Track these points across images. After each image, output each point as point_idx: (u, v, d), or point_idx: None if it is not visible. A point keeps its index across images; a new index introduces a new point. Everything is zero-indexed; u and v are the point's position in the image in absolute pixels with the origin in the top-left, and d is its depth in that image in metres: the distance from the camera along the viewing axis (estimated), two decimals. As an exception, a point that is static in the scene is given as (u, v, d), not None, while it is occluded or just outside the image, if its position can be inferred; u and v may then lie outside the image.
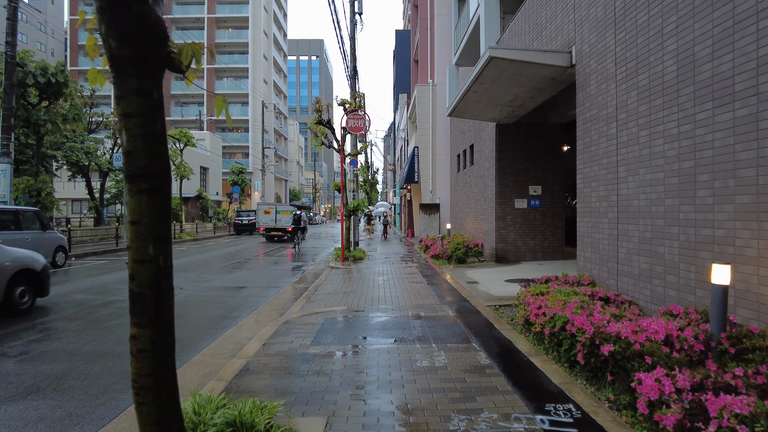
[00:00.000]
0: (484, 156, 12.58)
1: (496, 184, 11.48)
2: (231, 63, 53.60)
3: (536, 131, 11.58)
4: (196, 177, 39.28)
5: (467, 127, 14.99)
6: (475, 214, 13.86)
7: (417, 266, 11.55)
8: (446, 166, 19.62)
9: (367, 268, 11.29)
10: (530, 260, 11.51)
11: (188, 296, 8.07)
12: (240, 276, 10.70)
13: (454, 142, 17.56)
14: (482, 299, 7.03)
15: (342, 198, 12.85)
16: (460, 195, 16.32)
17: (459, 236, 14.45)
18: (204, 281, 9.83)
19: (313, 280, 9.85)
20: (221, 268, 12.31)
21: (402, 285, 8.54)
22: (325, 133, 13.24)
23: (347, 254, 12.79)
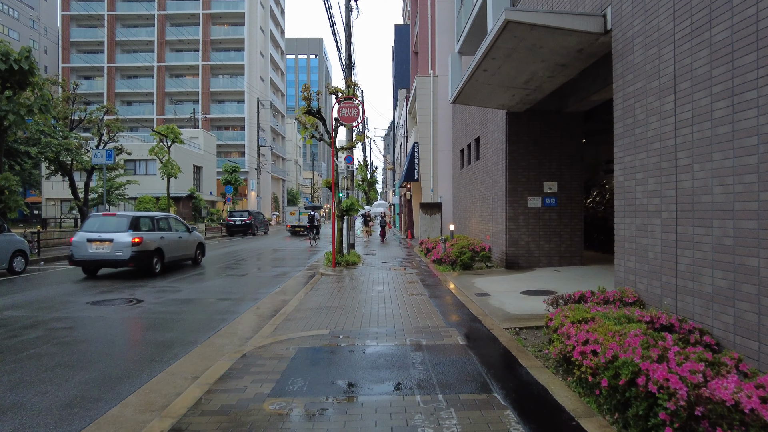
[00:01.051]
0: (492, 149, 11.27)
1: (507, 180, 10.17)
2: (227, 60, 52.34)
3: (551, 120, 10.28)
4: (189, 176, 38.02)
5: (472, 119, 13.68)
6: (481, 214, 12.55)
7: (417, 273, 10.23)
8: (448, 163, 18.32)
9: (361, 275, 9.98)
10: (545, 266, 10.20)
11: (143, 312, 6.76)
12: (214, 285, 9.39)
13: (457, 137, 16.26)
14: (497, 319, 5.72)
15: (333, 196, 11.54)
16: (464, 193, 15.01)
17: (463, 238, 13.15)
18: (170, 291, 8.52)
19: (298, 289, 8.54)
20: (196, 275, 11.00)
21: (400, 298, 7.23)
22: (315, 125, 11.93)
23: (340, 258, 11.48)
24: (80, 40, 52.33)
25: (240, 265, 13.03)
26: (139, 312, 6.79)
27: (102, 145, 25.08)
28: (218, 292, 8.51)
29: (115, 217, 10.79)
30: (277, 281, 9.89)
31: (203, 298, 7.91)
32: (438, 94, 18.51)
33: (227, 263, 13.34)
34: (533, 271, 9.69)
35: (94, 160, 17.67)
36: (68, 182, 24.00)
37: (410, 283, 8.80)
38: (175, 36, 51.60)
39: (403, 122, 27.58)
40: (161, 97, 51.94)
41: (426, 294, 7.55)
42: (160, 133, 23.23)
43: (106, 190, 27.94)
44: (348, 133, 12.82)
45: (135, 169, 35.81)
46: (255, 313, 6.68)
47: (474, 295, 7.26)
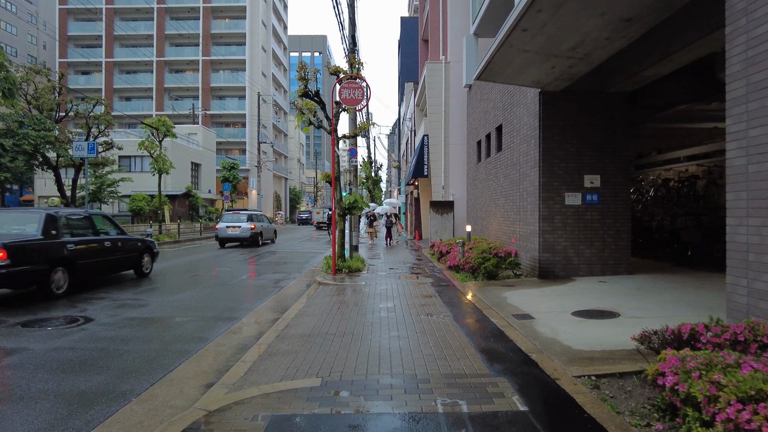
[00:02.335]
0: (521, 137, 9.62)
1: (541, 173, 8.53)
2: (227, 55, 50.89)
3: (591, 103, 8.63)
4: (186, 173, 36.56)
5: (492, 105, 12.03)
6: (504, 213, 10.90)
7: (432, 283, 8.60)
8: (462, 157, 16.67)
9: (366, 285, 8.35)
10: (585, 275, 8.54)
11: (81, 340, 5.17)
12: (191, 297, 7.80)
13: (473, 127, 14.61)
14: (558, 359, 4.08)
15: (334, 192, 9.93)
16: (482, 190, 13.36)
17: (482, 241, 11.51)
18: (134, 306, 6.94)
19: (288, 304, 6.94)
20: (175, 283, 9.43)
21: (416, 320, 5.61)
22: (313, 110, 10.32)
23: (341, 264, 9.88)
24: (78, 35, 51.08)
25: (228, 269, 11.45)
26: (75, 339, 5.20)
27: (92, 140, 23.64)
28: (190, 307, 6.92)
29: (240, 213, 19.19)
30: (266, 292, 8.29)
31: (168, 317, 6.32)
32: (450, 81, 16.87)
33: (215, 267, 11.76)
34: (573, 283, 8.04)
35: (75, 153, 16.18)
36: (55, 178, 22.56)
37: (426, 297, 7.17)
38: (175, 30, 50.18)
39: (410, 115, 25.95)
40: (160, 92, 50.56)
41: (449, 314, 5.92)
42: (151, 126, 21.69)
43: (96, 187, 26.58)
44: (351, 122, 11.19)
45: (130, 165, 34.39)
46: (224, 344, 5.07)
47: (512, 317, 5.62)
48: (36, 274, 7.16)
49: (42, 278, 7.22)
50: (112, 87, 50.71)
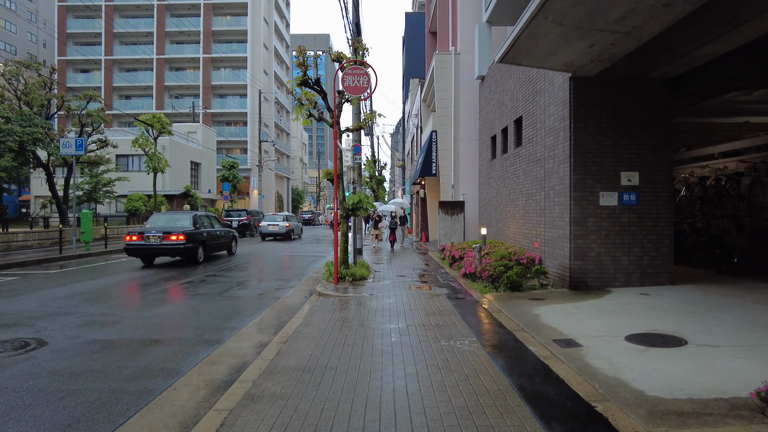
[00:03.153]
0: (546, 129, 8.57)
1: (572, 170, 7.47)
2: (229, 52, 50.00)
3: (630, 89, 7.57)
4: (185, 173, 35.66)
5: (510, 97, 10.98)
6: (525, 215, 9.85)
7: (447, 295, 7.55)
8: (473, 154, 15.62)
9: (372, 298, 7.32)
10: (622, 285, 7.48)
11: (25, 375, 4.17)
12: (168, 313, 6.79)
13: (487, 121, 13.55)
14: (631, 410, 3.05)
15: (336, 191, 8.91)
16: (497, 189, 12.31)
17: (499, 245, 10.48)
18: (100, 325, 5.93)
19: (282, 322, 5.92)
20: (156, 293, 8.43)
21: (436, 351, 4.56)
22: (313, 101, 9.30)
23: (344, 272, 8.85)
24: (77, 32, 50.30)
25: (220, 277, 10.45)
26: (7, 377, 4.20)
27: (85, 137, 22.71)
28: (165, 326, 5.91)
29: (279, 213, 25.14)
30: (257, 306, 7.27)
31: (136, 339, 5.31)
32: (460, 74, 15.82)
33: (204, 274, 10.76)
34: (610, 295, 6.98)
35: (62, 150, 15.22)
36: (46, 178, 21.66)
37: (442, 313, 6.13)
38: (176, 27, 49.33)
39: (416, 112, 24.90)
40: (160, 91, 49.70)
41: (474, 339, 4.88)
42: (145, 122, 20.75)
43: (91, 187, 25.67)
44: (354, 115, 10.16)
45: (127, 165, 33.51)
46: (197, 380, 4.05)
47: (554, 344, 4.58)
48: (193, 250, 12.49)
49: (195, 252, 12.58)
50: (112, 85, 49.93)
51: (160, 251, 12.22)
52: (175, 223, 12.82)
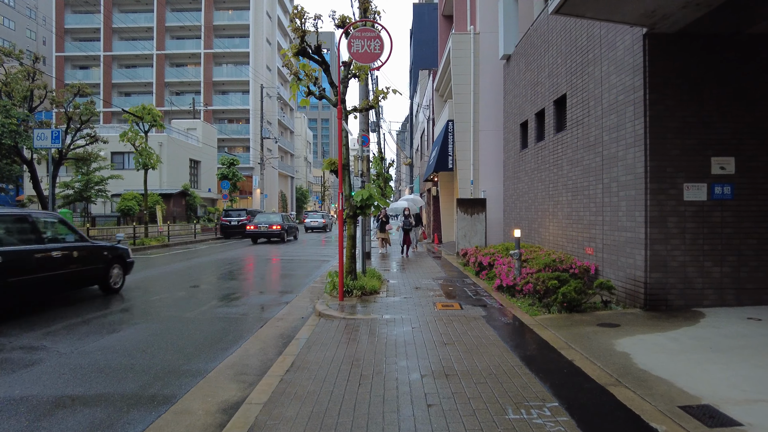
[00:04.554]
0: (605, 106, 6.83)
1: (648, 155, 5.73)
2: (231, 47, 48.49)
3: (721, 50, 5.82)
4: (184, 171, 34.14)
5: (547, 73, 9.23)
6: (571, 213, 8.11)
7: (487, 318, 5.83)
8: (495, 146, 13.88)
9: (387, 324, 5.61)
10: (713, 305, 5.74)
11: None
12: (115, 346, 5.12)
13: (514, 106, 11.81)
14: None
15: (341, 186, 7.21)
16: (528, 184, 10.57)
17: (536, 250, 8.76)
18: (9, 370, 4.28)
19: (268, 359, 4.25)
20: (115, 313, 6.77)
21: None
22: (313, 77, 7.60)
23: (351, 284, 7.16)
24: (75, 27, 49.05)
25: (204, 286, 8.79)
26: None
27: (73, 132, 21.20)
28: (104, 369, 4.23)
29: (317, 212, 41.38)
30: (239, 331, 5.59)
31: (49, 396, 3.64)
32: (480, 56, 14.08)
33: (191, 282, 9.12)
34: (707, 320, 5.23)
35: (36, 143, 13.69)
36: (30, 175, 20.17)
37: (490, 350, 4.41)
38: (176, 22, 47.95)
39: (426, 103, 23.18)
40: (161, 87, 48.29)
41: (557, 406, 3.16)
42: (134, 114, 19.18)
43: (82, 185, 24.18)
44: (362, 90, 8.45)
45: (123, 162, 32.03)
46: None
47: (690, 419, 2.85)
48: (283, 235, 20.73)
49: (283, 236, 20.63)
50: (111, 82, 48.63)
51: (266, 234, 21.24)
52: (271, 219, 21.82)
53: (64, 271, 6.93)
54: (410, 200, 15.76)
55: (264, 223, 21.22)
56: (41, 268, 6.48)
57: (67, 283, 7.16)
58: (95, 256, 7.68)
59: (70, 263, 7.08)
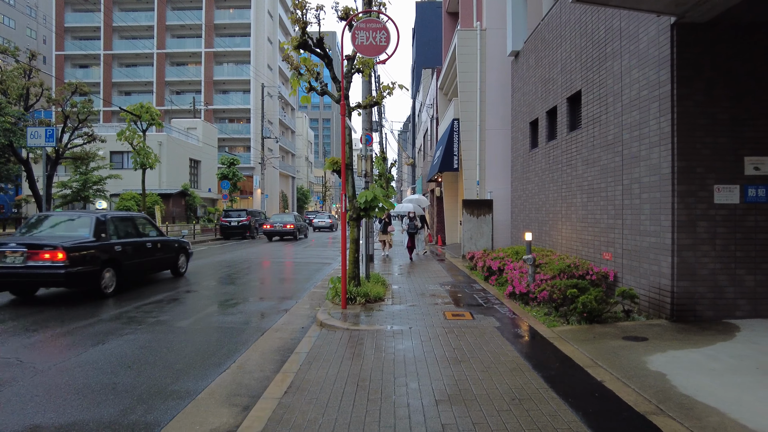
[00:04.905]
0: (625, 102, 6.41)
1: (675, 154, 5.32)
2: (232, 46, 48.07)
3: (756, 40, 5.40)
4: (184, 170, 33.77)
5: (559, 69, 8.82)
6: (586, 216, 7.69)
7: (501, 330, 5.41)
8: (502, 146, 13.47)
9: (395, 336, 5.20)
10: (747, 316, 5.31)
11: None
12: (98, 361, 4.71)
13: (523, 104, 11.40)
14: None
15: (344, 186, 6.79)
16: (539, 185, 10.15)
17: (548, 254, 8.35)
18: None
19: (263, 379, 3.84)
20: (85, 327, 6.38)
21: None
22: (315, 72, 7.19)
23: (355, 291, 6.76)
24: (75, 26, 48.73)
25: (201, 291, 8.39)
26: None
27: (71, 131, 20.85)
28: (81, 389, 3.82)
29: (323, 213, 45.11)
30: (236, 343, 5.18)
31: (9, 428, 3.24)
32: (487, 53, 13.67)
33: (186, 286, 8.72)
34: (744, 334, 4.81)
35: (29, 141, 13.30)
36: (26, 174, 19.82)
37: (509, 368, 4.00)
38: (177, 21, 47.62)
39: (430, 102, 22.78)
40: (161, 86, 47.93)
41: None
42: (132, 112, 18.79)
43: (80, 185, 23.83)
44: (366, 87, 8.04)
45: (122, 162, 31.64)
46: None
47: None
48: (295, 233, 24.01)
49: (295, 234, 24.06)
50: (111, 81, 48.29)
51: (281, 233, 23.74)
52: (285, 219, 24.19)
53: (153, 258, 9.15)
54: (414, 201, 15.10)
55: (279, 222, 23.91)
56: (140, 256, 8.69)
57: (154, 267, 9.47)
58: (169, 247, 9.80)
59: (156, 252, 9.24)
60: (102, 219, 8.02)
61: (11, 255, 6.90)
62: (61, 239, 7.24)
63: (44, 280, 7.12)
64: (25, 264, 6.86)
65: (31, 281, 7.19)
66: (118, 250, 8.02)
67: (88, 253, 7.39)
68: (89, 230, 7.70)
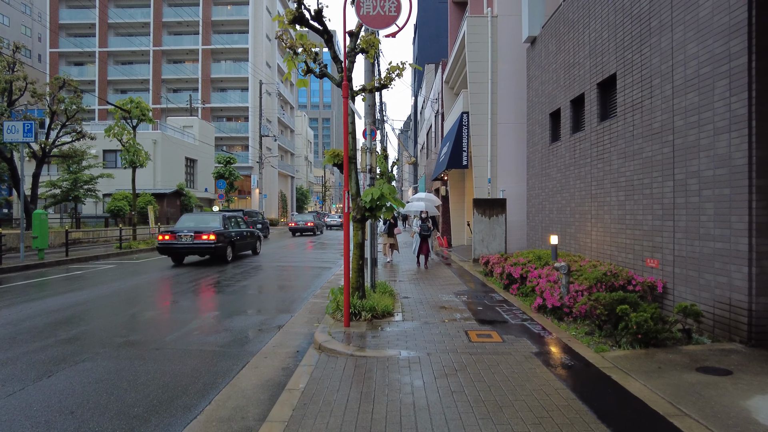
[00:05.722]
0: (677, 84, 5.44)
1: (755, 141, 4.36)
2: (230, 43, 47.09)
3: None
4: (179, 170, 32.80)
5: (587, 52, 7.85)
6: (622, 217, 6.72)
7: (540, 355, 4.44)
8: (515, 140, 12.52)
9: (411, 368, 4.22)
10: (837, 340, 4.34)
11: None
12: (55, 393, 3.75)
13: (541, 95, 10.43)
14: None
15: (346, 182, 5.83)
16: (561, 182, 9.19)
17: (575, 259, 7.40)
18: None
19: (248, 430, 2.91)
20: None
21: None
22: (312, 52, 6.22)
23: (359, 304, 5.79)
24: (70, 23, 47.73)
25: (182, 302, 7.42)
26: None
27: (58, 128, 19.88)
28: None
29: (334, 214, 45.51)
30: (213, 374, 4.21)
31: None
32: (499, 41, 12.71)
33: (168, 298, 7.75)
34: None
35: (6, 136, 12.36)
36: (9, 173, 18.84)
37: (566, 418, 3.04)
38: (174, 17, 46.67)
39: (435, 96, 21.81)
40: (157, 84, 46.97)
41: None
42: (121, 108, 17.82)
43: (70, 184, 22.84)
44: (368, 71, 7.07)
45: (116, 161, 30.60)
46: None
47: None
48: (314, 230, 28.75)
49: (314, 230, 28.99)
50: (106, 79, 47.30)
51: (302, 229, 28.11)
52: (306, 218, 28.07)
53: (246, 241, 14.30)
54: (426, 200, 13.62)
55: (301, 221, 29.32)
56: (242, 239, 13.86)
57: (246, 248, 14.48)
58: (253, 234, 15.03)
59: (248, 238, 14.42)
60: (224, 217, 13.49)
61: (185, 237, 12.25)
62: (207, 229, 12.42)
63: (202, 251, 12.31)
64: (192, 242, 12.19)
65: (195, 251, 12.38)
66: (233, 235, 13.23)
67: (222, 236, 12.46)
68: (220, 223, 12.96)
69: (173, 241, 12.24)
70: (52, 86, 19.09)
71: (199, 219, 13.49)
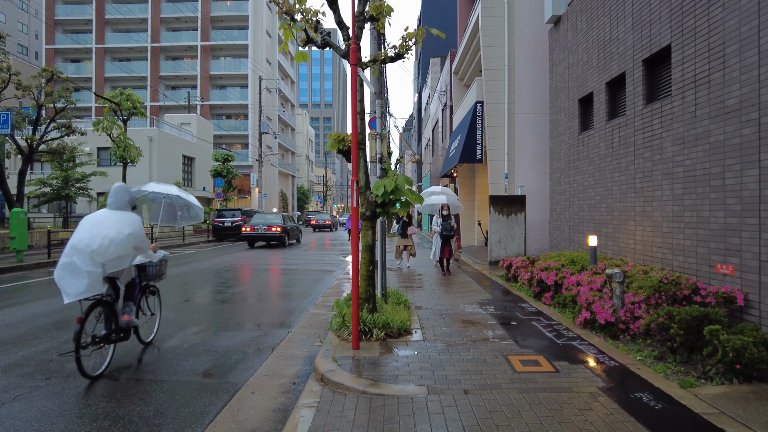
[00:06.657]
0: (763, 50, 4.40)
1: None
2: (229, 39, 46.09)
3: None
4: (177, 168, 31.82)
5: (628, 25, 6.81)
6: (679, 214, 5.67)
7: (612, 394, 3.41)
8: (535, 132, 11.48)
9: (446, 417, 3.19)
10: None
11: None
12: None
13: (568, 80, 9.39)
14: None
15: (355, 171, 4.80)
16: (595, 175, 8.15)
17: (618, 264, 6.35)
18: None
19: None
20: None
21: None
22: (312, 20, 5.20)
23: (369, 320, 4.77)
24: (66, 19, 46.77)
25: (164, 313, 6.41)
26: None
27: (46, 123, 18.89)
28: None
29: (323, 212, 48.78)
30: (182, 419, 3.19)
31: None
32: (516, 25, 11.67)
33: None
34: None
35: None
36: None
37: None
38: (172, 13, 45.72)
39: (442, 88, 20.76)
40: (155, 81, 45.98)
41: None
42: (111, 100, 16.82)
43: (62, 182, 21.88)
44: (374, 42, 6.03)
45: (110, 159, 29.68)
46: None
47: None
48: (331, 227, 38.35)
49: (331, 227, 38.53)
50: (104, 76, 46.35)
51: (321, 226, 36.02)
52: (324, 217, 36.82)
53: (295, 233, 21.10)
54: (444, 194, 10.82)
55: (320, 219, 36.36)
56: (293, 231, 20.77)
57: (293, 238, 20.84)
58: (297, 228, 21.62)
59: (294, 231, 21.03)
60: (282, 216, 19.43)
61: (260, 228, 18.26)
62: (275, 223, 18.53)
63: (272, 239, 18.52)
64: (266, 232, 18.23)
65: (267, 239, 18.57)
66: (289, 228, 19.26)
67: (283, 228, 18.41)
68: (281, 220, 18.88)
69: (253, 232, 18.33)
70: (38, 78, 18.09)
71: (267, 217, 19.35)
